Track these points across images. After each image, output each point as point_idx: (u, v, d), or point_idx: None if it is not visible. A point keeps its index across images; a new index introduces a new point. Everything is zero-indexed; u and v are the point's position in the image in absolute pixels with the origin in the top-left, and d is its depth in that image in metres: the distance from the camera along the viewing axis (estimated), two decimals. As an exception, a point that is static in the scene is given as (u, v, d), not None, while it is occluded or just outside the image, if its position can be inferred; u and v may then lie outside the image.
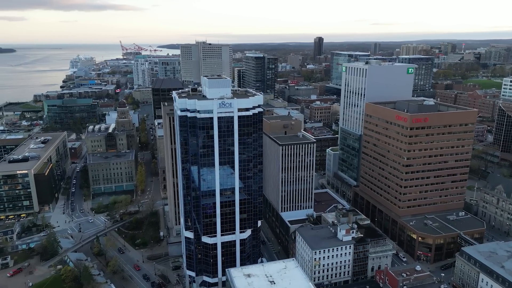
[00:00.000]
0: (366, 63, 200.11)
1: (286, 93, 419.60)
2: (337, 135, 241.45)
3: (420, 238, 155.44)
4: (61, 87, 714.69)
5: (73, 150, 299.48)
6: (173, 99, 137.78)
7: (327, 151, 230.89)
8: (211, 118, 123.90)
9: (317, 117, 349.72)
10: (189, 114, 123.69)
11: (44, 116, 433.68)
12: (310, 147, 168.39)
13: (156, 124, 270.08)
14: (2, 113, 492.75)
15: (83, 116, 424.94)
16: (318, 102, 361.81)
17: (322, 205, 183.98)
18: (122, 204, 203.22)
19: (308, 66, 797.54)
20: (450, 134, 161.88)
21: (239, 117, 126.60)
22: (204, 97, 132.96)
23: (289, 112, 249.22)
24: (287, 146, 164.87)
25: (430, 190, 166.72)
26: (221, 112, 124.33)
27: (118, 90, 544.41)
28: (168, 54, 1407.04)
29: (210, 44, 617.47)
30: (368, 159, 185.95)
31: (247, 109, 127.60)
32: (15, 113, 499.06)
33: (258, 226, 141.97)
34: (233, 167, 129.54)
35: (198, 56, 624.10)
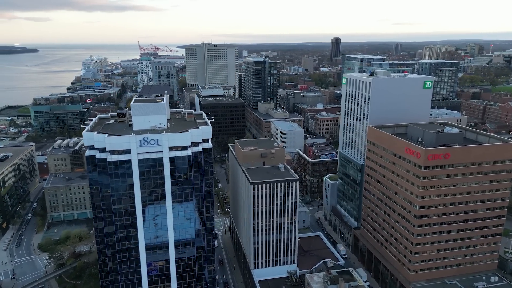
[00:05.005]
0: (372, 74, 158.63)
1: (291, 100, 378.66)
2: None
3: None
4: (67, 89, 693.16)
5: (45, 165, 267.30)
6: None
7: (324, 179, 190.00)
8: (129, 161, 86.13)
9: (322, 129, 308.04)
10: (98, 155, 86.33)
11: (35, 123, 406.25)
12: (292, 186, 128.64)
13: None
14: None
15: (73, 123, 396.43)
16: (324, 113, 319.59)
17: (311, 256, 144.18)
18: (70, 241, 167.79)
19: (321, 69, 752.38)
20: (480, 174, 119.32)
21: (172, 158, 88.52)
22: (131, 127, 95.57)
23: (272, 136, 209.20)
24: (260, 185, 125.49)
25: (451, 248, 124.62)
26: (143, 153, 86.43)
27: (89, 100, 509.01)
28: (183, 54, 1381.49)
29: (215, 45, 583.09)
30: (370, 198, 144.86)
31: (184, 148, 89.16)
32: (10, 117, 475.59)
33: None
34: (165, 230, 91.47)
35: (203, 58, 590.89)
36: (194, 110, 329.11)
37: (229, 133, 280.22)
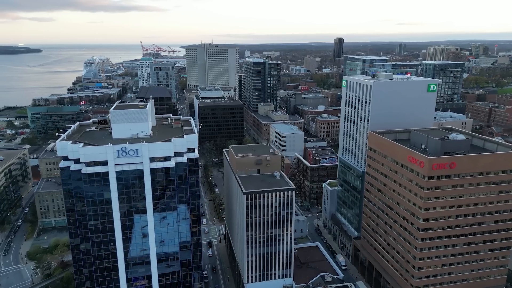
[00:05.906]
0: (373, 76, 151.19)
1: (292, 102, 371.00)
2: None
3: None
4: (68, 89, 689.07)
5: (39, 169, 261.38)
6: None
7: (323, 185, 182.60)
8: (106, 174, 79.26)
9: (323, 132, 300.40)
10: (72, 166, 79.59)
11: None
12: (288, 196, 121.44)
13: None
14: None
15: (71, 124, 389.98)
16: (325, 115, 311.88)
17: (308, 269, 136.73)
18: (58, 250, 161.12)
19: (323, 70, 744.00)
20: (488, 185, 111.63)
21: (153, 170, 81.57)
22: (110, 136, 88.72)
23: (269, 141, 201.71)
24: (254, 195, 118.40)
25: (457, 262, 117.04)
26: (122, 164, 79.54)
27: (82, 102, 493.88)
28: (185, 54, 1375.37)
29: (216, 45, 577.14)
30: (371, 208, 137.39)
31: (166, 158, 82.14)
32: (8, 118, 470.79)
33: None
34: (147, 248, 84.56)
35: (204, 58, 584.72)
36: (194, 112, 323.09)
37: (227, 136, 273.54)
